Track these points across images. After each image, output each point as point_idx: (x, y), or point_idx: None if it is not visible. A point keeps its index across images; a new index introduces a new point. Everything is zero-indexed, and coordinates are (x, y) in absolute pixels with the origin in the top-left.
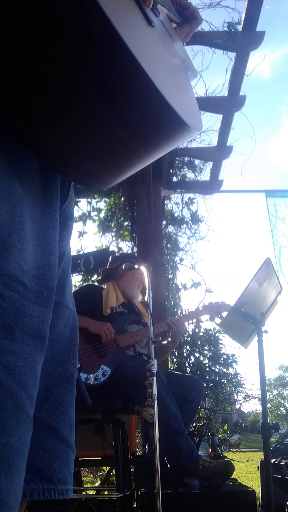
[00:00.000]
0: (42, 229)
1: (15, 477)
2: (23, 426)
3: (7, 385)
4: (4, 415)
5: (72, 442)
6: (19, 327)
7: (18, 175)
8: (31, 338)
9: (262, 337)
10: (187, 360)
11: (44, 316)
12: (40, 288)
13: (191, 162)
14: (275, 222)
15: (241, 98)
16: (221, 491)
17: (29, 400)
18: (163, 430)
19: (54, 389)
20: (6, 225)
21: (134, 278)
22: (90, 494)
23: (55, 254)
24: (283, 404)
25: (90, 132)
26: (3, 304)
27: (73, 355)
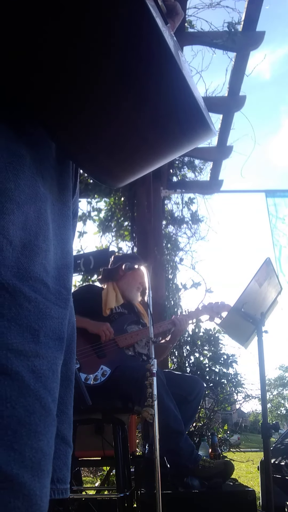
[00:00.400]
0: (59, 229)
1: (45, 481)
2: (50, 429)
3: (35, 389)
4: (34, 420)
5: (70, 440)
6: (43, 330)
7: (40, 174)
8: (53, 340)
9: (262, 337)
10: (187, 360)
11: (63, 317)
12: (59, 289)
13: (191, 162)
14: (275, 222)
15: (241, 98)
16: (221, 491)
17: (53, 403)
18: (163, 430)
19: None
20: (33, 227)
21: (133, 279)
22: (90, 494)
23: (71, 254)
24: (283, 404)
25: (112, 122)
26: (29, 307)
27: (73, 354)
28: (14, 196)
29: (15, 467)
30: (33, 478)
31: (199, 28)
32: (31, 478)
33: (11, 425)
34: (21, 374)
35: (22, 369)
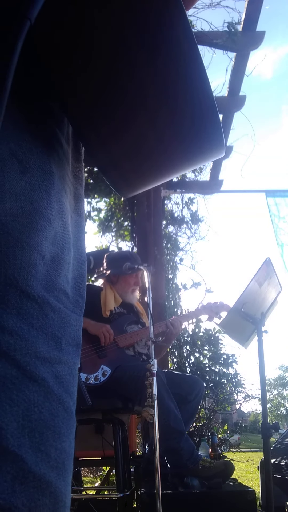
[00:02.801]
0: (76, 240)
1: (69, 479)
2: (72, 431)
3: (58, 393)
4: (58, 423)
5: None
6: (65, 337)
7: (64, 189)
8: (72, 347)
9: (262, 337)
10: (187, 360)
11: (79, 324)
12: (76, 297)
13: None
14: (278, 222)
15: (241, 98)
16: (221, 491)
17: (74, 406)
18: (163, 430)
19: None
20: (60, 241)
21: (127, 283)
22: (90, 494)
23: (85, 263)
24: (283, 404)
25: (137, 122)
26: (54, 316)
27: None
28: (46, 213)
29: (42, 467)
30: (58, 477)
31: (199, 28)
32: (57, 477)
33: (38, 428)
34: (46, 380)
35: (47, 375)
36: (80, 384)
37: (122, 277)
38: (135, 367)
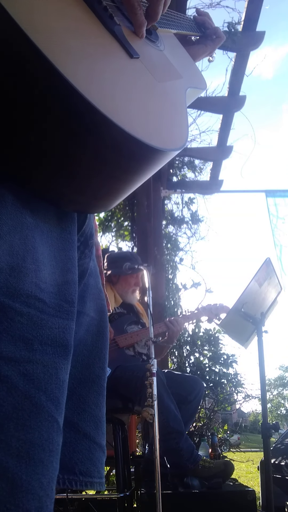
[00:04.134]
0: (59, 251)
1: (37, 468)
2: (44, 424)
3: (25, 390)
4: (23, 416)
5: (98, 439)
6: (38, 339)
7: (28, 207)
8: (52, 348)
9: (262, 337)
10: (187, 360)
11: (66, 327)
12: (60, 303)
13: (191, 162)
14: (276, 222)
15: (241, 98)
16: (221, 491)
17: (51, 401)
18: (163, 430)
19: (77, 389)
20: (20, 251)
21: (127, 283)
22: (90, 494)
23: (73, 271)
24: (283, 404)
25: (72, 171)
26: (22, 320)
27: (100, 358)
28: None
29: (0, 454)
30: (19, 464)
31: None
32: (16, 464)
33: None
34: (10, 377)
35: (12, 373)
36: None
37: (123, 277)
38: (135, 367)
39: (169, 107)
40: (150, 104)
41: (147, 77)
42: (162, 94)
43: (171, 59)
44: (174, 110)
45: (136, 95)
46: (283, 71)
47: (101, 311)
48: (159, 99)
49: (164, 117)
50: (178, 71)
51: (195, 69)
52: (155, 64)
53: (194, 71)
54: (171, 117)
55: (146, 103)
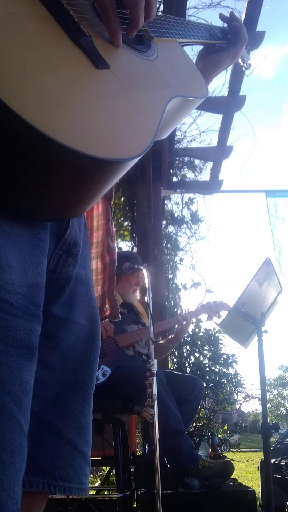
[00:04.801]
0: (29, 255)
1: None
2: (6, 425)
3: None
4: None
5: (80, 446)
6: (3, 339)
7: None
8: (16, 349)
9: (262, 337)
10: (187, 360)
11: (31, 329)
12: (27, 305)
13: (191, 162)
14: (275, 222)
15: (241, 98)
16: (221, 491)
17: (14, 403)
18: (163, 430)
19: (64, 395)
20: None
21: (128, 283)
22: (90, 494)
23: (42, 275)
24: (283, 404)
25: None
26: None
27: (88, 366)
28: None
29: None
30: None
31: None
32: None
33: None
34: None
35: None
36: None
37: (124, 277)
38: (135, 367)
39: (135, 116)
40: (108, 114)
41: (113, 87)
42: (130, 103)
43: (162, 68)
44: (141, 118)
45: (91, 106)
46: (284, 71)
47: (92, 319)
48: (123, 108)
49: (124, 126)
50: (167, 80)
51: (194, 78)
52: (132, 74)
53: (192, 80)
54: (134, 126)
55: (103, 113)
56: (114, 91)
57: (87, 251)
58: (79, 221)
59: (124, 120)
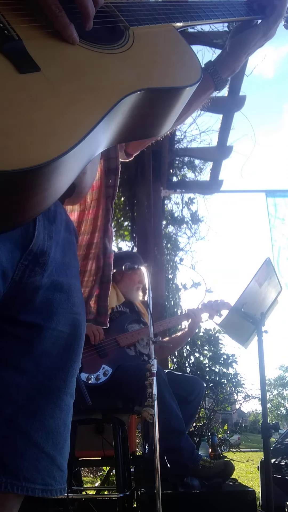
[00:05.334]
0: None
1: None
2: None
3: None
4: None
5: (48, 449)
6: None
7: None
8: None
9: (262, 337)
10: (187, 360)
11: None
12: None
13: (191, 162)
14: (274, 222)
15: (241, 98)
16: (221, 491)
17: None
18: (164, 429)
19: (35, 399)
20: None
21: (131, 281)
22: (90, 494)
23: None
24: (283, 404)
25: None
26: None
27: (63, 371)
28: None
29: None
30: None
31: (199, 28)
32: None
33: None
34: None
35: None
36: (80, 384)
37: (127, 275)
38: (136, 367)
39: (59, 119)
40: (20, 121)
41: (39, 91)
42: (56, 106)
43: (132, 60)
44: (67, 120)
45: (3, 115)
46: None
47: (73, 325)
48: (44, 113)
49: (39, 131)
50: (133, 72)
51: (181, 64)
52: (75, 73)
53: (177, 67)
54: (54, 130)
55: (14, 121)
56: (39, 96)
57: (71, 258)
58: (51, 229)
59: (41, 125)
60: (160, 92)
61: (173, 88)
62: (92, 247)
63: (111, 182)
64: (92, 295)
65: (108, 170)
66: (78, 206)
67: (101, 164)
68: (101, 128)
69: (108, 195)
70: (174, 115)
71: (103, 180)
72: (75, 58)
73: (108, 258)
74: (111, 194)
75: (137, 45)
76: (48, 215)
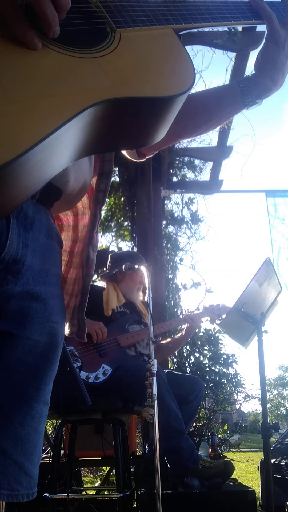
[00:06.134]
0: None
1: None
2: None
3: None
4: None
5: (16, 456)
6: None
7: None
8: None
9: (262, 337)
10: (187, 360)
11: None
12: None
13: (191, 162)
14: (273, 222)
15: None
16: (221, 491)
17: None
18: (164, 430)
19: (4, 405)
20: None
21: (133, 281)
22: (90, 494)
23: None
24: (283, 404)
25: None
26: None
27: (36, 379)
28: None
29: None
30: None
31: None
32: None
33: None
34: None
35: None
36: (80, 384)
37: (128, 275)
38: (136, 367)
39: (9, 126)
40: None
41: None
42: (8, 112)
43: (110, 65)
44: (13, 131)
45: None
46: None
47: (50, 333)
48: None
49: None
50: (108, 79)
51: (170, 71)
52: (36, 79)
53: (164, 74)
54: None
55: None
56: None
57: (50, 265)
58: (26, 237)
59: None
60: (137, 102)
61: (152, 98)
62: (79, 255)
63: (102, 186)
64: (76, 305)
65: (101, 173)
66: (70, 210)
67: (97, 168)
68: (61, 137)
69: (98, 200)
70: (163, 125)
71: (96, 184)
72: (40, 63)
73: (89, 267)
74: (101, 200)
75: (120, 49)
76: (25, 222)
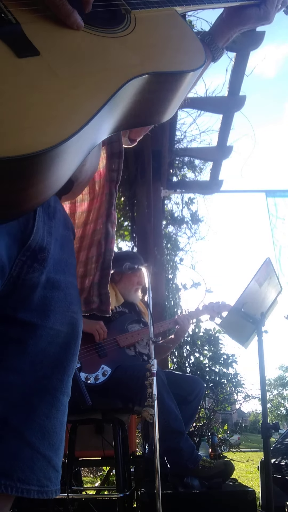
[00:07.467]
0: None
1: None
2: None
3: None
4: None
5: (43, 449)
6: None
7: None
8: None
9: (262, 337)
10: (187, 360)
11: None
12: None
13: (191, 162)
14: (275, 222)
15: (241, 98)
16: (221, 491)
17: None
18: (163, 430)
19: (31, 398)
20: None
21: (130, 282)
22: (90, 494)
23: None
24: (283, 404)
25: None
26: None
27: (60, 371)
28: None
29: None
30: None
31: (199, 28)
32: None
33: None
34: None
35: None
36: (80, 384)
37: (126, 276)
38: (136, 367)
39: (58, 104)
40: (19, 106)
41: (38, 75)
42: (56, 90)
43: (134, 43)
44: (68, 105)
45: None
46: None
47: (70, 324)
48: (44, 97)
49: (38, 116)
50: (136, 56)
51: (185, 49)
52: (77, 57)
53: (180, 51)
54: (53, 114)
55: (14, 105)
56: (38, 81)
57: (69, 255)
58: (50, 225)
59: (40, 111)
60: (165, 77)
61: (177, 72)
62: (96, 233)
63: (114, 166)
64: (95, 283)
65: (111, 154)
66: (88, 195)
67: (105, 150)
68: (104, 114)
69: (112, 179)
70: (178, 101)
71: (107, 165)
72: (76, 42)
73: (109, 243)
74: (115, 178)
75: (139, 29)
76: (48, 210)
